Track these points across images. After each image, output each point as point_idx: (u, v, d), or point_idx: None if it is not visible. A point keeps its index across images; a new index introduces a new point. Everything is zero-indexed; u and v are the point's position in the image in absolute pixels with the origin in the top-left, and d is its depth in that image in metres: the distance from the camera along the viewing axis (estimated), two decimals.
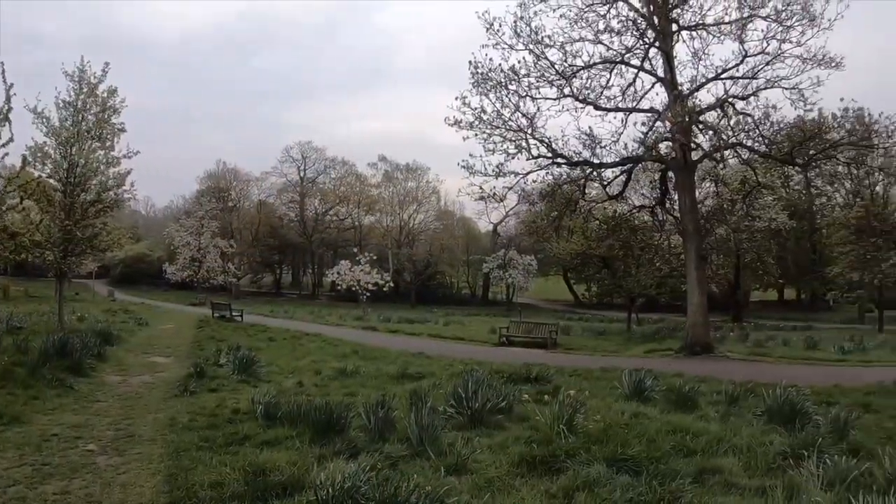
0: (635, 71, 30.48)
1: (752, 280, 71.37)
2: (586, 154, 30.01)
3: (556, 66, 29.10)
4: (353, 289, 54.89)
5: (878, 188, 63.91)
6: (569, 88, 29.44)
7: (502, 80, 28.81)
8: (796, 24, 27.35)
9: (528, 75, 29.06)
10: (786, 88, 28.04)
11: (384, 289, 56.15)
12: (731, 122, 29.00)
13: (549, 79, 29.21)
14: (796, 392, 11.37)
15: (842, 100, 27.51)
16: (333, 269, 59.53)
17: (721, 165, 35.61)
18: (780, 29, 27.66)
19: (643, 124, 30.44)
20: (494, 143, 29.00)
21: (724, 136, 29.05)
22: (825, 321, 63.75)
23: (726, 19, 28.93)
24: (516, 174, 29.68)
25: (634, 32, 29.84)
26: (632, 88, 30.62)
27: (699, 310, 28.78)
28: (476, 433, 9.34)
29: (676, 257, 39.38)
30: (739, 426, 10.11)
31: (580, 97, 29.65)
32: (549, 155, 29.60)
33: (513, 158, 29.25)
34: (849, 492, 6.67)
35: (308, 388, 14.07)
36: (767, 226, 48.78)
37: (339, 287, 63.75)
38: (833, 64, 27.25)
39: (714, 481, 7.36)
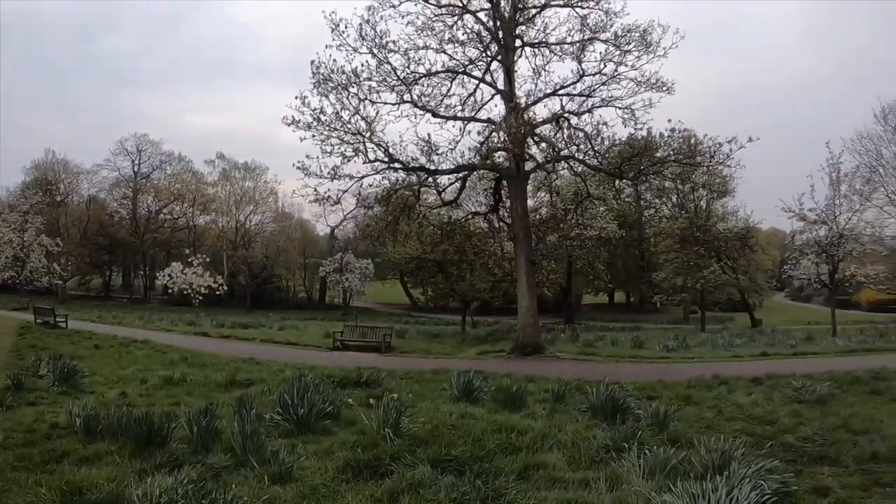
0: (476, 82, 31.18)
1: (584, 284, 74.26)
2: (423, 160, 30.18)
3: (398, 72, 29.20)
4: (186, 292, 52.74)
5: (701, 202, 67.18)
6: (409, 95, 29.61)
7: (344, 82, 28.53)
8: (633, 49, 29.03)
9: (369, 79, 29.02)
10: (619, 108, 29.77)
11: (218, 292, 54.09)
12: (565, 136, 30.02)
13: (391, 84, 29.26)
14: (619, 388, 11.97)
15: (669, 121, 28.74)
16: (165, 271, 56.70)
17: (554, 176, 36.69)
18: (618, 53, 29.32)
19: (479, 133, 31.21)
20: (332, 145, 28.73)
21: (557, 149, 30.01)
22: (653, 322, 67.33)
23: (568, 40, 30.26)
24: (352, 177, 29.54)
25: (479, 45, 30.54)
26: (472, 99, 31.33)
27: (529, 312, 29.54)
28: (303, 440, 9.16)
29: (509, 262, 40.13)
30: (565, 422, 10.43)
31: (419, 104, 29.88)
32: (386, 159, 29.53)
33: (349, 161, 29.10)
34: (668, 479, 7.01)
35: (132, 398, 13.37)
36: (598, 234, 50.97)
37: (171, 290, 61.48)
38: (664, 88, 29.33)
39: (538, 476, 7.50)
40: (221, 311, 62.15)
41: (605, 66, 29.68)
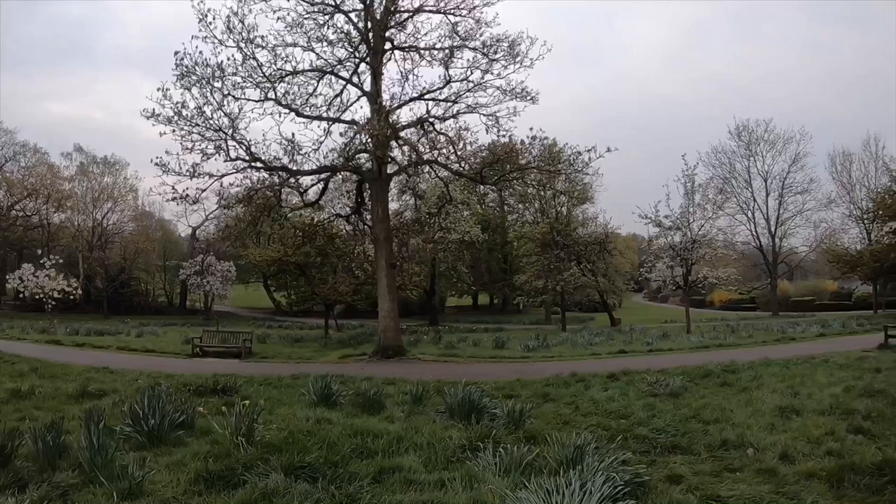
0: (344, 83, 30.81)
1: (448, 287, 74.88)
2: (286, 160, 29.53)
3: (264, 69, 28.49)
4: (39, 297, 49.78)
5: (562, 209, 69.08)
6: (273, 92, 28.90)
7: (208, 75, 27.56)
8: (501, 58, 29.28)
9: (234, 74, 28.16)
10: (484, 115, 30.00)
11: (73, 297, 51.23)
12: (429, 140, 30.07)
13: (256, 80, 28.51)
14: (476, 388, 11.95)
15: (531, 128, 29.41)
16: (16, 273, 52.96)
17: (417, 179, 36.72)
18: (486, 61, 29.49)
19: (341, 135, 30.97)
20: (193, 141, 27.57)
21: (420, 153, 30.02)
22: (516, 323, 68.66)
23: (438, 45, 30.29)
24: (212, 175, 28.42)
25: (348, 46, 30.15)
26: (338, 99, 30.95)
27: (390, 315, 29.38)
28: (155, 452, 8.73)
29: (372, 265, 39.99)
30: (422, 424, 10.40)
31: (283, 102, 29.26)
32: (248, 158, 28.69)
33: (209, 159, 28.05)
34: (523, 476, 7.10)
35: None
36: (461, 238, 51.47)
37: (22, 295, 58.34)
38: (529, 97, 29.68)
39: (394, 480, 7.44)
40: (77, 318, 59.29)
41: (473, 73, 29.96)
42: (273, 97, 28.99)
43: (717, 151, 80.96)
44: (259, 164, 29.08)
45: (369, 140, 28.54)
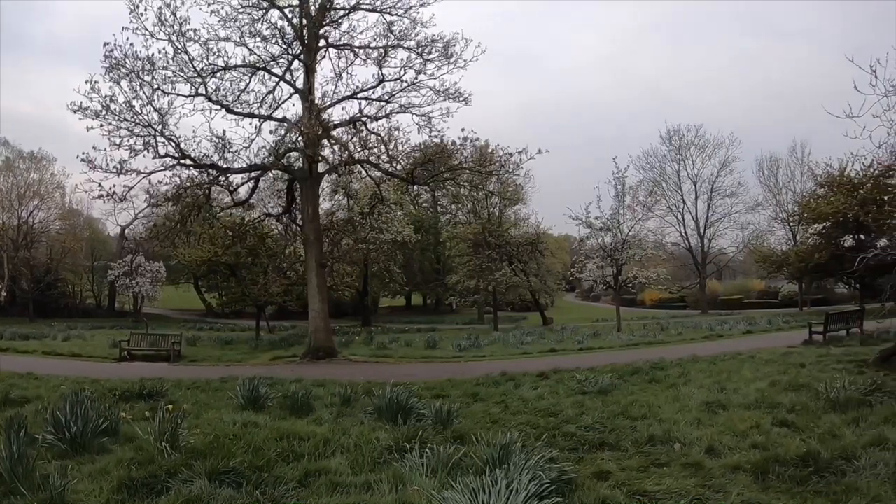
0: (276, 80, 30.49)
1: (380, 287, 74.68)
2: (216, 157, 29.12)
3: (196, 63, 28.03)
4: None
5: (494, 209, 69.50)
6: (204, 88, 28.51)
7: (138, 68, 26.94)
8: (435, 59, 29.44)
9: (165, 67, 27.61)
10: (417, 115, 30.16)
11: None
12: (360, 140, 29.91)
13: (187, 75, 28.04)
14: (405, 389, 11.94)
15: (463, 129, 29.61)
16: None
17: (348, 179, 36.49)
18: (420, 61, 29.57)
19: (271, 132, 30.51)
20: (121, 136, 26.98)
21: (351, 152, 29.78)
22: (449, 323, 68.83)
23: (373, 45, 30.17)
24: (139, 172, 27.74)
25: (282, 42, 29.82)
26: (271, 96, 30.68)
27: (320, 315, 29.19)
28: (77, 460, 8.42)
29: (303, 265, 39.62)
30: (350, 426, 10.31)
31: (214, 98, 28.85)
32: (177, 155, 28.20)
33: (137, 156, 27.42)
34: (450, 476, 7.09)
35: None
36: (394, 238, 51.37)
37: None
38: (462, 99, 29.97)
39: (320, 483, 7.34)
40: (1, 321, 57.89)
41: (406, 73, 30.02)
42: (204, 93, 28.61)
43: (648, 155, 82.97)
44: (188, 162, 28.65)
45: (300, 138, 28.31)
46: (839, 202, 46.69)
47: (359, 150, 30.04)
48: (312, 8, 29.67)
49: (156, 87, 27.57)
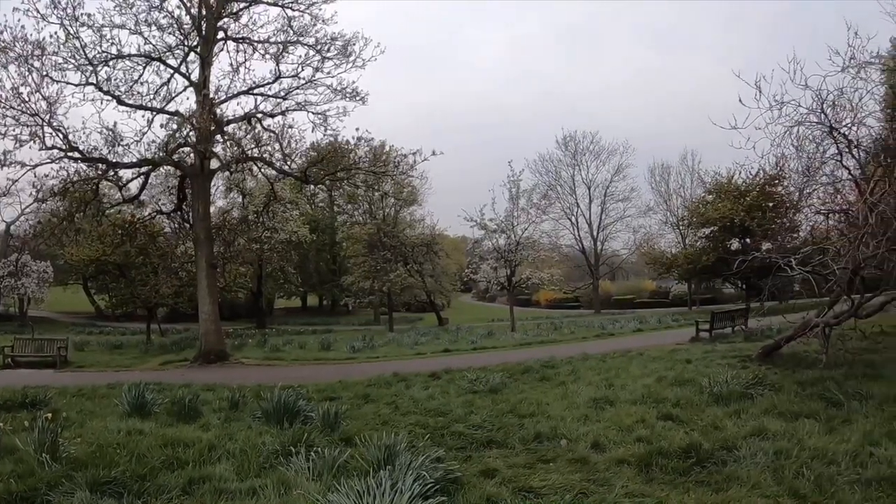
0: (171, 72, 29.42)
1: (276, 288, 73.73)
2: (105, 151, 27.87)
3: (88, 50, 26.72)
4: None
5: (390, 210, 69.47)
6: (95, 77, 27.23)
7: (28, 52, 25.40)
8: (334, 57, 29.13)
9: (56, 53, 26.20)
10: (314, 113, 29.73)
11: None
12: (255, 136, 29.47)
13: (78, 62, 26.67)
14: (293, 391, 11.89)
15: (357, 129, 29.56)
16: None
17: (241, 177, 35.80)
18: (319, 59, 29.19)
19: (162, 126, 29.39)
20: (6, 125, 25.39)
21: (245, 149, 29.25)
22: (345, 324, 68.33)
23: (272, 39, 29.51)
24: (24, 165, 26.20)
25: (179, 33, 28.78)
26: (165, 88, 29.52)
27: (211, 318, 28.45)
28: None
29: (195, 265, 38.76)
30: (237, 431, 10.20)
31: (105, 88, 27.63)
32: (65, 147, 26.74)
33: (23, 147, 25.79)
34: (337, 478, 7.07)
35: None
36: (289, 238, 50.81)
37: None
38: (359, 98, 29.71)
39: (204, 490, 7.24)
40: None
41: (304, 70, 29.60)
42: (95, 82, 27.32)
43: (544, 159, 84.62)
44: (77, 155, 27.17)
45: (192, 133, 27.62)
46: (726, 208, 49.05)
47: (252, 147, 29.61)
48: None
49: (45, 73, 26.13)
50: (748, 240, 49.16)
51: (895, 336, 19.49)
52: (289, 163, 30.17)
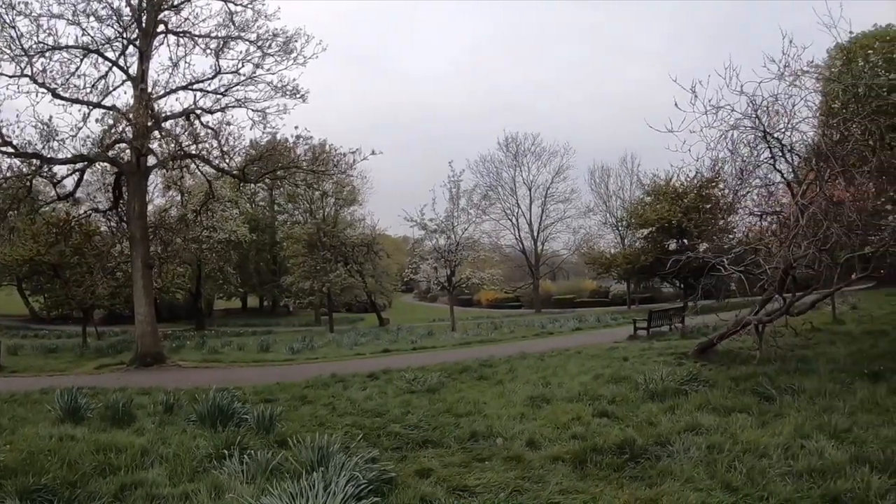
0: (110, 64, 28.62)
1: (215, 289, 72.90)
2: (39, 146, 26.87)
3: (24, 40, 25.98)
4: None
5: (330, 209, 69.17)
6: (30, 68, 26.36)
7: None
8: (275, 53, 28.87)
9: None
10: (254, 110, 29.39)
11: None
12: (193, 133, 29.00)
13: (13, 52, 25.91)
14: (228, 394, 11.79)
15: (296, 127, 29.36)
16: None
17: (179, 174, 35.17)
18: (259, 55, 28.87)
19: (97, 121, 28.51)
20: None
21: (182, 146, 28.76)
22: (286, 325, 67.90)
23: (213, 34, 29.10)
24: None
25: (118, 25, 28.07)
26: (103, 82, 28.66)
27: (147, 319, 27.79)
28: None
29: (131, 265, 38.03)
30: (171, 435, 10.07)
31: (40, 80, 26.69)
32: None
33: None
34: (270, 481, 7.07)
35: None
36: (228, 237, 50.26)
37: None
38: (299, 95, 29.41)
39: (136, 496, 7.16)
40: None
41: (245, 66, 29.23)
42: (29, 73, 26.44)
43: (485, 160, 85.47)
44: (10, 150, 26.24)
45: (129, 129, 27.08)
46: (664, 210, 50.30)
47: (190, 144, 29.07)
48: None
49: None
50: (685, 240, 50.01)
51: (827, 332, 20.10)
52: (227, 160, 29.74)
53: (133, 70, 28.64)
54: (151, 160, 29.35)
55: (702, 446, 8.29)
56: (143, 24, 28.17)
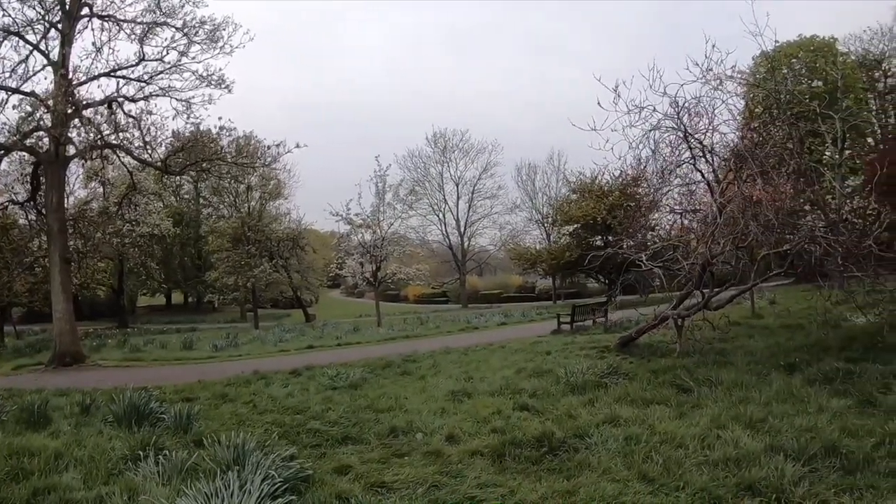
0: (30, 48, 27.69)
1: (138, 285, 71.61)
2: None
3: None
4: None
5: (255, 203, 68.49)
6: None
7: None
8: (201, 41, 28.44)
9: None
10: (178, 100, 28.90)
11: None
12: (115, 122, 28.27)
13: None
14: (145, 393, 11.58)
15: (220, 118, 28.96)
16: None
17: (100, 164, 34.32)
18: (185, 42, 28.39)
19: (14, 108, 27.19)
20: None
21: (103, 135, 28.05)
22: (211, 322, 66.94)
23: (139, 19, 28.40)
24: None
25: (40, 6, 27.23)
26: (23, 66, 27.74)
27: (65, 317, 26.97)
28: None
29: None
30: (87, 437, 9.84)
31: None
32: None
33: None
34: (186, 482, 6.97)
35: None
36: (151, 231, 49.35)
37: None
38: (224, 86, 29.07)
39: (50, 500, 7.02)
40: None
41: (170, 53, 28.73)
42: None
43: (413, 155, 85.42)
44: None
45: (47, 116, 26.30)
46: (590, 207, 51.09)
47: (111, 133, 28.37)
48: None
49: None
50: (610, 237, 50.76)
51: (745, 326, 20.57)
52: (150, 151, 29.14)
53: (54, 55, 27.70)
54: (71, 150, 28.46)
55: (620, 438, 8.45)
56: (67, 6, 27.33)
